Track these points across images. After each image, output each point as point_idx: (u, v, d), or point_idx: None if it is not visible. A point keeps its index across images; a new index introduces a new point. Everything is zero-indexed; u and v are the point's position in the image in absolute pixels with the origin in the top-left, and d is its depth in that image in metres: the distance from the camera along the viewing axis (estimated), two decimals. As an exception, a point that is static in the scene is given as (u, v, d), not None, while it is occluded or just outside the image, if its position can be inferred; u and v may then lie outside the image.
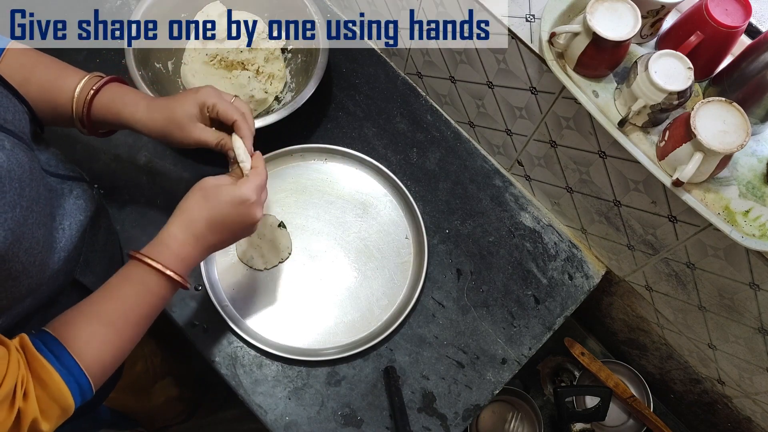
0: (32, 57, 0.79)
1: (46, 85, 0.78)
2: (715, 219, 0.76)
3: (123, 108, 0.78)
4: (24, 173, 0.59)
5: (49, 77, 0.78)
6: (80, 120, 0.79)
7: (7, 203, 0.56)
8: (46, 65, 0.79)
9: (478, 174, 1.14)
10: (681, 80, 0.73)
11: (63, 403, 0.62)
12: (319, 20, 1.06)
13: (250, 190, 0.75)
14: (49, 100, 0.78)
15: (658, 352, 1.24)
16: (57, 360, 0.62)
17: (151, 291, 0.71)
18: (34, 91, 0.76)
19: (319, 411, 0.95)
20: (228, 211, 0.74)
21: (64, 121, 0.80)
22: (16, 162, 0.58)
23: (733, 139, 0.71)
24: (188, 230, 0.73)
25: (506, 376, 1.01)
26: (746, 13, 0.73)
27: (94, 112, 0.78)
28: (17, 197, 0.57)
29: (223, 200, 0.74)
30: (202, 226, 0.73)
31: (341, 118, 1.15)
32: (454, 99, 1.12)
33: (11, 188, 0.56)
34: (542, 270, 1.09)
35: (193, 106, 0.78)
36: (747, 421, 1.13)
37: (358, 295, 1.02)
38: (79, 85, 0.78)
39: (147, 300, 0.71)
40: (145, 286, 0.71)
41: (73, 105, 0.78)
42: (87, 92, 0.78)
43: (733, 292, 0.90)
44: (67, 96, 0.78)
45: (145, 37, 1.03)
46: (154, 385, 1.31)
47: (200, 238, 0.74)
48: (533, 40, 0.87)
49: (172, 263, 0.72)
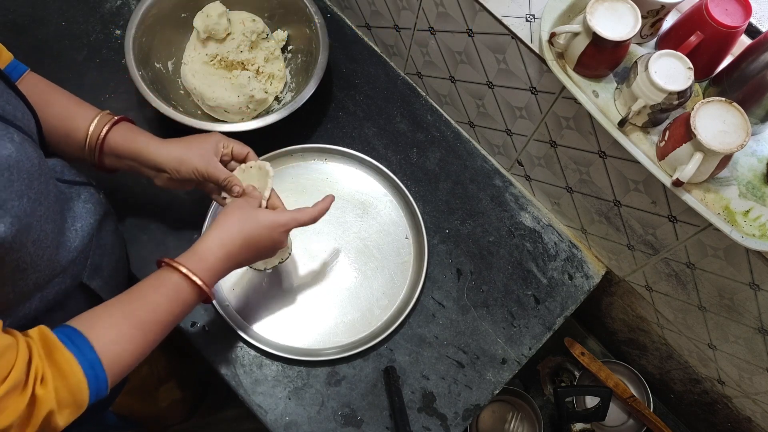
0: (51, 86, 0.84)
1: (64, 112, 0.82)
2: (715, 219, 0.76)
3: (138, 137, 0.84)
4: (33, 167, 0.60)
5: (68, 104, 0.83)
6: (92, 150, 0.83)
7: (14, 192, 0.56)
8: (65, 95, 0.84)
9: (478, 174, 1.14)
10: (681, 80, 0.73)
11: (79, 397, 0.62)
12: (319, 20, 1.06)
13: (288, 218, 0.82)
14: (64, 127, 0.81)
15: (658, 352, 1.24)
16: (80, 353, 0.63)
17: (181, 299, 0.73)
18: (51, 115, 0.80)
19: (319, 411, 0.95)
20: (264, 234, 0.79)
21: (73, 150, 0.83)
22: (25, 155, 0.59)
23: (733, 139, 0.71)
24: (224, 247, 0.76)
25: (506, 376, 1.01)
26: (746, 13, 0.73)
27: (109, 141, 0.83)
28: (25, 188, 0.58)
29: (261, 224, 0.79)
30: (237, 244, 0.77)
31: (341, 118, 1.15)
32: (454, 99, 1.12)
33: (19, 178, 0.57)
34: (542, 270, 1.09)
35: (210, 143, 0.85)
36: (747, 421, 1.13)
37: (358, 295, 1.02)
38: (96, 117, 0.82)
39: (175, 308, 0.73)
40: (177, 294, 0.73)
41: (87, 135, 0.81)
42: (103, 125, 0.82)
43: (733, 292, 0.90)
44: (83, 125, 0.82)
45: (146, 37, 1.04)
46: (159, 389, 1.31)
47: (232, 255, 0.77)
48: (533, 40, 0.87)
49: (206, 276, 0.74)
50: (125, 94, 1.11)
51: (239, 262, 0.80)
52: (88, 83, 1.11)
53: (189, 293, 0.73)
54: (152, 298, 0.71)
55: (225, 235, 0.77)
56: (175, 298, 0.73)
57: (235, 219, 0.78)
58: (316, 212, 0.85)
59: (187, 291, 0.73)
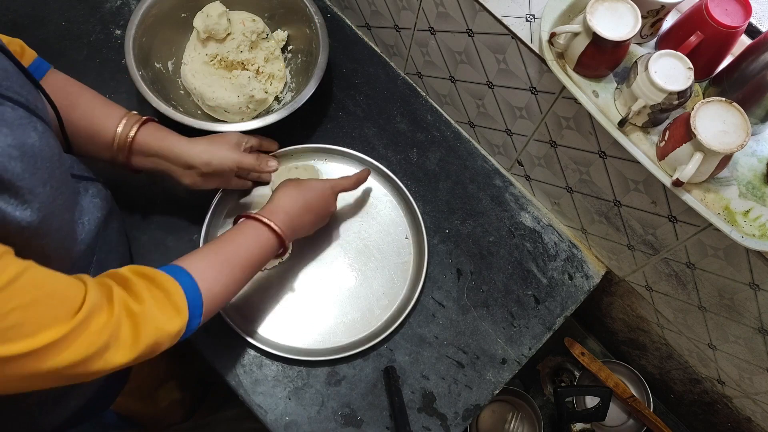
0: (75, 85, 0.86)
1: (89, 113, 0.84)
2: (715, 219, 0.76)
3: (167, 136, 0.88)
4: (53, 156, 0.61)
5: (93, 104, 0.86)
6: (122, 150, 0.85)
7: (39, 180, 0.57)
8: (89, 94, 0.86)
9: (479, 174, 1.14)
10: (681, 80, 0.73)
11: (181, 308, 0.68)
12: (319, 20, 1.06)
13: (334, 181, 0.96)
14: (90, 127, 0.84)
15: (658, 352, 1.24)
16: (174, 273, 0.70)
17: (262, 245, 0.83)
18: (77, 116, 0.82)
19: (319, 411, 0.95)
20: (318, 195, 0.92)
21: (99, 150, 0.85)
22: (47, 144, 0.60)
23: (733, 139, 0.71)
24: (287, 209, 0.88)
25: (506, 376, 1.01)
26: (746, 13, 0.73)
27: (138, 141, 0.86)
28: (48, 176, 0.59)
29: (314, 188, 0.92)
30: (299, 205, 0.89)
31: (341, 118, 1.15)
32: (455, 99, 1.12)
33: (42, 167, 0.58)
34: (542, 270, 1.09)
35: (233, 137, 0.94)
36: (747, 421, 1.13)
37: (358, 295, 1.02)
38: (124, 118, 0.85)
39: (258, 251, 0.82)
40: (258, 240, 0.83)
41: (116, 135, 0.84)
42: (132, 124, 0.85)
43: (733, 292, 0.90)
44: (110, 125, 0.84)
45: (146, 37, 1.04)
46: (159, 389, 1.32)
47: (295, 216, 0.88)
48: (533, 40, 0.87)
49: (280, 225, 0.85)
50: (125, 94, 1.11)
51: (302, 223, 0.90)
52: (88, 83, 1.09)
53: (267, 239, 0.84)
54: (237, 240, 0.81)
55: (286, 199, 0.89)
56: (256, 242, 0.83)
57: (292, 186, 0.91)
58: (355, 178, 0.99)
59: (266, 237, 0.84)
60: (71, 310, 0.56)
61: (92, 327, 0.58)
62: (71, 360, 0.56)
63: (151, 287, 0.67)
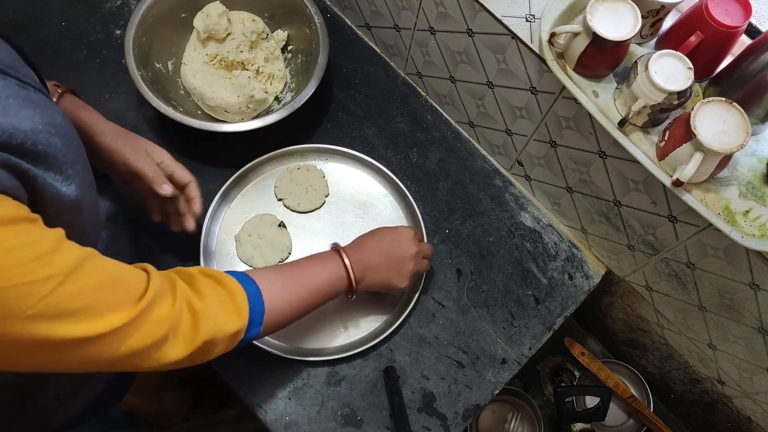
0: None
1: None
2: (715, 219, 0.76)
3: (83, 109, 0.82)
4: (76, 136, 0.61)
5: None
6: None
7: (73, 156, 0.58)
8: None
9: (478, 174, 1.14)
10: (681, 80, 0.73)
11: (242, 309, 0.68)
12: (319, 20, 1.06)
13: (414, 231, 0.94)
14: None
15: (658, 352, 1.24)
16: (241, 279, 0.70)
17: (333, 281, 0.83)
18: None
19: (319, 411, 0.95)
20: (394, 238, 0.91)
21: None
22: (69, 125, 0.60)
23: (733, 139, 0.71)
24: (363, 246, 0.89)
25: (506, 376, 1.01)
26: (746, 13, 0.73)
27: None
28: (77, 155, 0.59)
29: (385, 231, 0.92)
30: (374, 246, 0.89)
31: (341, 118, 1.15)
32: (454, 99, 1.12)
33: (72, 145, 0.58)
34: (542, 270, 1.09)
35: (150, 147, 0.84)
36: (747, 421, 1.13)
37: (358, 295, 1.02)
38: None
39: (326, 279, 0.83)
40: (330, 276, 0.83)
41: None
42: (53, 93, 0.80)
43: (733, 292, 0.90)
44: None
45: (146, 37, 1.04)
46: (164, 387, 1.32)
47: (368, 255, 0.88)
48: (533, 40, 0.87)
49: (358, 270, 0.85)
50: (125, 94, 1.11)
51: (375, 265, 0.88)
52: (88, 83, 1.11)
53: (340, 279, 0.84)
54: (312, 265, 0.83)
55: (371, 241, 0.89)
56: (329, 271, 0.83)
57: (369, 236, 0.91)
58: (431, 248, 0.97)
59: (340, 277, 0.84)
60: (135, 296, 0.57)
61: (154, 316, 0.58)
62: (134, 348, 0.56)
63: (216, 286, 0.67)
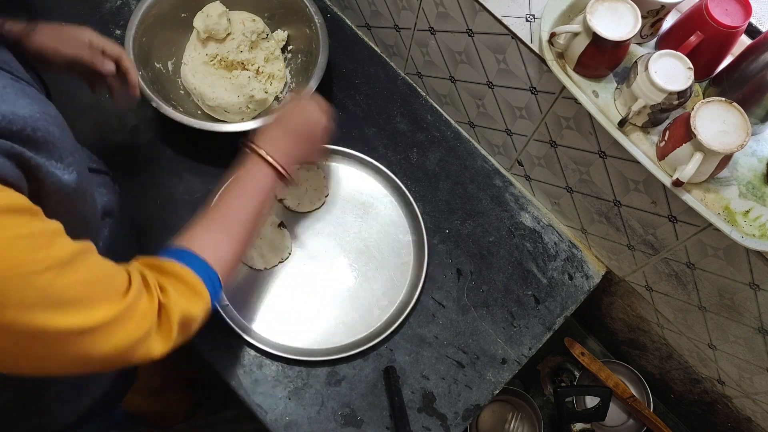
0: None
1: None
2: (715, 219, 0.76)
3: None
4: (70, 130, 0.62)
5: None
6: None
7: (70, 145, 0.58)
8: None
9: (478, 174, 1.14)
10: (681, 80, 0.73)
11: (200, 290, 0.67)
12: (319, 20, 1.06)
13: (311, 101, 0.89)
14: None
15: (658, 352, 1.24)
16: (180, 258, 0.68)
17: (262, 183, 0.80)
18: None
19: (319, 411, 0.95)
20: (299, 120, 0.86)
21: None
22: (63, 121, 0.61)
23: (733, 139, 0.71)
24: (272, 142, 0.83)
25: (506, 376, 1.01)
26: (746, 13, 0.73)
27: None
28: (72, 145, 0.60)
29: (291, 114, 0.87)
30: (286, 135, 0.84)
31: (341, 118, 1.14)
32: (455, 99, 1.12)
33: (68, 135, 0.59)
34: (542, 270, 1.09)
35: (74, 31, 0.85)
36: (747, 421, 1.13)
37: (358, 295, 1.02)
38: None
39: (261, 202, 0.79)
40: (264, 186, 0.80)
41: None
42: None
43: (733, 292, 0.90)
44: None
45: (146, 37, 1.04)
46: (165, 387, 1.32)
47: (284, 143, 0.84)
48: (533, 40, 0.87)
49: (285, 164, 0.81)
50: (125, 95, 1.10)
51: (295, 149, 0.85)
52: (88, 83, 1.11)
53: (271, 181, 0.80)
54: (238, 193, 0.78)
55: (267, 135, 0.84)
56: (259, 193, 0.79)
57: (287, 114, 0.86)
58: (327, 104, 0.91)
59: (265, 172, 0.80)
60: (121, 291, 0.58)
61: (139, 309, 0.59)
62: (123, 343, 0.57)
63: (163, 277, 0.67)
